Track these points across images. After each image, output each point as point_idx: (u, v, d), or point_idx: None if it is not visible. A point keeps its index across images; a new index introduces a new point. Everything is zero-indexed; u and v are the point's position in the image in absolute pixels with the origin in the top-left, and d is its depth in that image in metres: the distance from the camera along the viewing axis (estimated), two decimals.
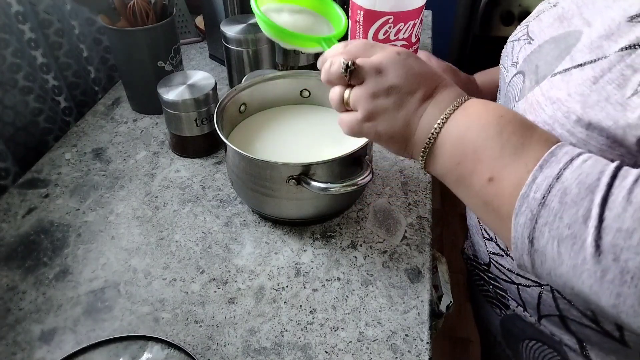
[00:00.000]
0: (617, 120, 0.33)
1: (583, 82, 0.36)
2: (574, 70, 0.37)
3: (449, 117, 0.37)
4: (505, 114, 0.35)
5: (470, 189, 0.35)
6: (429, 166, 0.39)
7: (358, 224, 0.63)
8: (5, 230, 0.62)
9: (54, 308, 0.53)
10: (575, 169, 0.30)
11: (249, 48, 0.76)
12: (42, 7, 0.76)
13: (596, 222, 0.28)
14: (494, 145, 0.34)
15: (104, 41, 0.91)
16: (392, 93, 0.38)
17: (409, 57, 0.39)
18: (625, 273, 0.27)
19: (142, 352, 0.47)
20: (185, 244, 0.60)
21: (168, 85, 0.69)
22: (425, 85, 0.38)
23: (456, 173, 0.36)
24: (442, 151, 0.37)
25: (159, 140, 0.77)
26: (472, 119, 0.36)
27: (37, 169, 0.71)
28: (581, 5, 0.43)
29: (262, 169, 0.56)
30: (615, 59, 0.34)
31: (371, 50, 0.41)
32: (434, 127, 0.37)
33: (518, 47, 0.50)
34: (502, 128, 0.34)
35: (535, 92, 0.40)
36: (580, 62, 0.37)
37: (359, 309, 0.53)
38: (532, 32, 0.48)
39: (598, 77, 0.35)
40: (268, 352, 0.49)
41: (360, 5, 0.62)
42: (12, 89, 0.73)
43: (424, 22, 1.08)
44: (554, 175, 0.30)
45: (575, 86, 0.36)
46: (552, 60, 0.41)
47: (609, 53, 0.35)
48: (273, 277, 0.56)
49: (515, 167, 0.32)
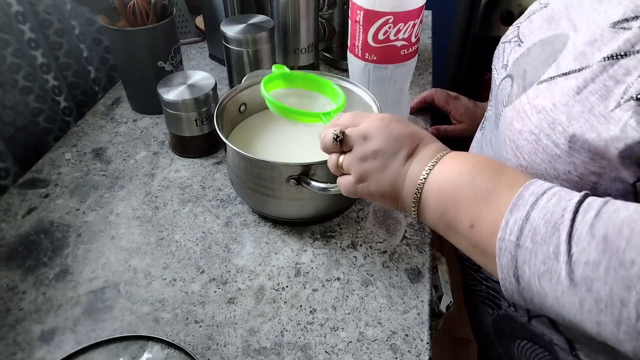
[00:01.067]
0: (600, 132, 0.34)
1: (567, 91, 0.36)
2: (559, 79, 0.38)
3: (429, 172, 0.40)
4: (476, 163, 0.38)
5: (458, 235, 0.38)
6: (422, 219, 0.42)
7: (358, 224, 0.63)
8: (5, 230, 0.62)
9: (54, 308, 0.53)
10: (541, 208, 0.32)
11: (249, 48, 0.76)
12: (42, 7, 0.76)
13: (566, 257, 0.30)
14: (468, 194, 0.37)
15: (104, 41, 0.91)
16: (378, 156, 0.43)
17: (392, 122, 0.44)
18: (599, 302, 0.29)
19: (142, 352, 0.47)
20: (185, 244, 0.60)
21: (168, 85, 0.69)
22: (407, 146, 0.42)
23: (443, 222, 0.39)
24: (428, 204, 0.40)
25: (159, 140, 0.77)
26: (448, 171, 0.39)
27: (37, 169, 0.71)
28: (570, 6, 0.43)
29: (262, 169, 0.56)
30: (598, 69, 0.35)
31: (358, 120, 0.45)
32: (417, 183, 0.40)
33: (509, 49, 0.50)
34: (474, 176, 0.37)
35: (522, 99, 0.41)
36: (565, 71, 0.38)
37: (359, 309, 0.53)
38: (523, 34, 0.49)
39: (582, 88, 0.35)
40: (268, 352, 0.49)
41: (360, 6, 0.62)
42: (12, 89, 0.73)
43: (424, 22, 1.08)
44: (523, 218, 0.32)
45: (560, 96, 0.37)
46: (539, 65, 0.42)
47: (592, 62, 0.35)
48: (273, 277, 0.56)
49: (489, 212, 0.35)
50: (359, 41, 0.65)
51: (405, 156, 0.42)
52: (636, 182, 0.35)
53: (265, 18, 0.79)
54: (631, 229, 0.28)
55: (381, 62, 0.66)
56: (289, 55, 0.87)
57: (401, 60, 0.66)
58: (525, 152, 0.40)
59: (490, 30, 1.46)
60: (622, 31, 0.34)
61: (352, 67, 0.71)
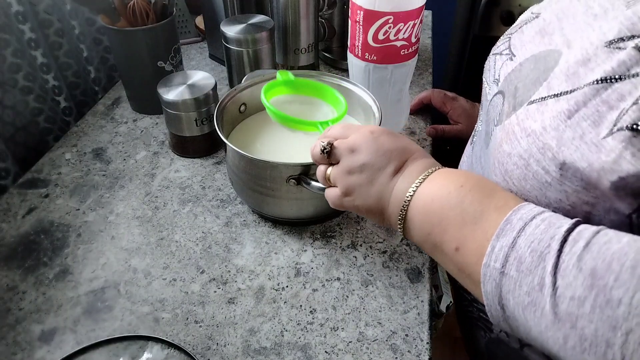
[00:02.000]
0: (591, 162, 0.32)
1: (558, 114, 0.35)
2: (550, 100, 0.36)
3: (416, 190, 0.39)
4: (466, 183, 0.37)
5: (444, 256, 0.37)
6: (408, 236, 0.41)
7: (358, 224, 0.63)
8: (5, 230, 0.62)
9: (54, 308, 0.53)
10: (528, 235, 0.31)
11: (249, 48, 0.76)
12: (42, 7, 0.76)
13: (551, 290, 0.28)
14: (456, 215, 0.35)
15: (104, 41, 0.91)
16: (365, 170, 0.42)
17: (381, 135, 0.43)
18: (584, 340, 0.27)
19: (142, 352, 0.47)
20: (185, 244, 0.60)
21: (168, 85, 0.69)
22: (395, 160, 0.41)
23: (429, 242, 0.38)
24: (414, 223, 0.39)
25: (159, 140, 0.77)
26: (436, 189, 0.38)
27: (37, 169, 0.71)
28: (562, 18, 0.41)
29: (262, 169, 0.56)
30: (590, 92, 0.33)
31: (348, 132, 0.45)
32: (403, 201, 0.39)
33: (500, 62, 0.49)
34: (463, 198, 0.36)
35: (511, 119, 0.40)
36: (556, 92, 0.36)
37: (359, 309, 0.53)
38: (514, 46, 0.47)
39: (573, 112, 0.34)
40: (268, 352, 0.49)
41: (360, 5, 0.62)
42: (12, 89, 0.73)
43: (424, 22, 1.08)
44: (509, 244, 0.31)
45: (550, 119, 0.35)
46: (529, 84, 0.40)
47: (584, 84, 0.34)
48: (273, 277, 0.56)
49: (476, 236, 0.34)
50: (359, 41, 0.65)
51: (393, 171, 0.41)
52: (632, 214, 0.33)
53: (265, 18, 0.79)
54: (621, 264, 0.27)
55: (381, 62, 0.66)
56: (289, 55, 0.88)
57: (401, 60, 0.66)
58: (514, 177, 0.38)
59: (490, 30, 1.46)
60: (617, 51, 0.32)
61: (352, 67, 0.71)
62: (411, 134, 0.78)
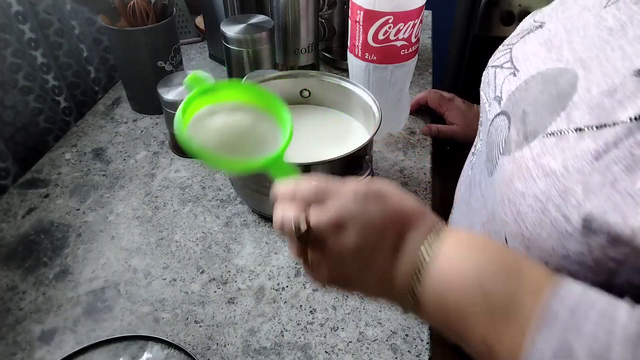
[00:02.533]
0: (627, 216, 0.28)
1: (583, 154, 0.30)
2: (572, 135, 0.32)
3: (422, 275, 0.32)
4: (483, 259, 0.30)
5: (467, 346, 0.31)
6: (424, 319, 0.36)
7: None
8: (5, 230, 0.62)
9: (54, 308, 0.53)
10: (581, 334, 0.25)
11: (249, 48, 0.76)
12: (42, 7, 0.76)
13: None
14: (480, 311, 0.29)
15: (104, 41, 0.91)
16: (358, 254, 0.33)
17: (369, 202, 0.34)
18: None
19: (142, 352, 0.47)
20: (185, 244, 0.60)
21: (168, 85, 0.69)
22: (392, 235, 0.33)
23: (448, 331, 0.32)
24: (426, 311, 0.33)
25: (159, 140, 0.77)
26: (449, 273, 0.31)
27: (37, 169, 0.71)
28: (571, 30, 0.37)
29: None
30: (622, 131, 0.29)
31: (325, 194, 0.34)
32: (411, 291, 0.32)
33: (501, 77, 0.44)
34: (484, 282, 0.29)
35: (524, 152, 0.35)
36: (579, 126, 0.31)
37: (359, 309, 0.53)
38: (516, 59, 0.43)
39: (601, 153, 0.29)
40: (268, 352, 0.49)
41: (360, 5, 0.62)
42: (12, 89, 0.73)
43: (424, 22, 1.08)
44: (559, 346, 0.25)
45: (574, 158, 0.31)
46: (543, 110, 0.35)
47: (615, 120, 0.29)
48: (273, 277, 0.56)
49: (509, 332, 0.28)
50: (359, 41, 0.65)
51: (391, 250, 0.33)
52: None
53: (265, 18, 0.79)
54: None
55: (381, 62, 0.66)
56: (289, 55, 0.87)
57: (401, 60, 0.66)
58: (528, 222, 0.34)
59: (490, 30, 1.46)
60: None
61: (352, 67, 0.71)
62: (411, 133, 0.78)
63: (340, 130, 0.68)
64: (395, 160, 0.73)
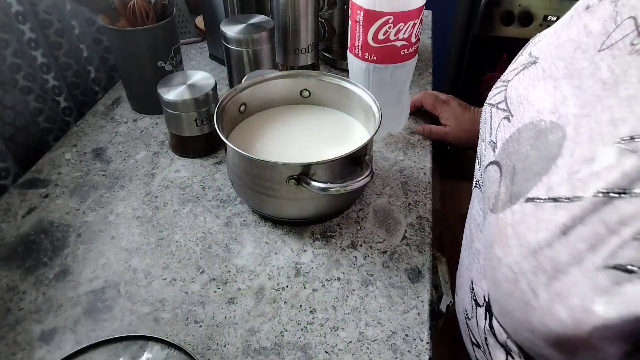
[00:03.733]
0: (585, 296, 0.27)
1: (553, 228, 0.29)
2: (548, 204, 0.30)
3: None
4: None
5: None
6: None
7: (358, 224, 0.63)
8: (5, 230, 0.62)
9: (54, 308, 0.53)
10: None
11: (249, 48, 0.76)
12: (42, 7, 0.76)
13: None
14: None
15: (104, 41, 0.91)
16: None
17: None
18: None
19: (142, 352, 0.47)
20: (185, 244, 0.60)
21: (168, 85, 0.69)
22: None
23: None
24: None
25: (159, 140, 0.77)
26: None
27: (37, 169, 0.71)
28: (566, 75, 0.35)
29: (262, 169, 0.56)
30: (589, 206, 0.27)
31: None
32: None
33: (497, 120, 0.43)
34: None
35: (506, 215, 0.34)
36: (555, 195, 0.30)
37: (359, 309, 0.53)
38: (511, 101, 0.41)
39: (569, 227, 0.28)
40: (268, 352, 0.49)
41: (360, 5, 0.62)
42: (12, 89, 0.73)
43: (424, 22, 1.08)
44: None
45: (546, 231, 0.30)
46: (529, 171, 0.34)
47: (585, 194, 0.28)
48: (273, 277, 0.56)
49: None
50: (359, 41, 0.65)
51: None
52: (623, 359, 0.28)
53: (265, 18, 0.79)
54: None
55: (381, 62, 0.66)
56: (289, 55, 0.87)
57: (401, 60, 0.66)
58: (502, 289, 0.33)
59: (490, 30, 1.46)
60: (627, 155, 0.26)
61: (352, 67, 0.71)
62: (411, 134, 0.78)
63: (340, 130, 0.68)
64: (395, 160, 0.73)
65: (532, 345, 0.33)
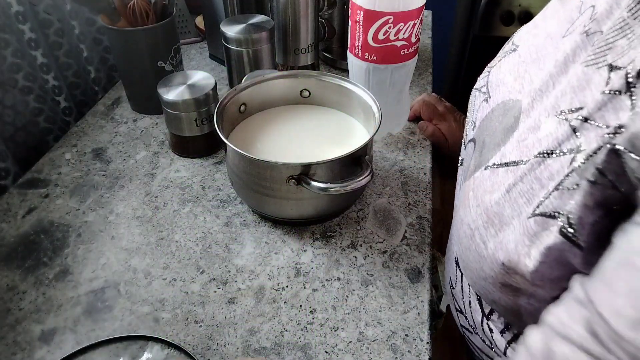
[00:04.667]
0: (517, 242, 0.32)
1: (501, 188, 0.34)
2: (501, 169, 0.35)
3: None
4: None
5: None
6: None
7: (358, 224, 0.63)
8: (5, 230, 0.62)
9: (54, 308, 0.53)
10: None
11: (249, 48, 0.76)
12: (42, 7, 0.76)
13: None
14: None
15: (104, 41, 0.91)
16: None
17: None
18: None
19: (142, 352, 0.47)
20: (185, 244, 0.60)
21: (168, 85, 0.69)
22: None
23: None
24: None
25: (159, 140, 0.77)
26: None
27: (37, 169, 0.71)
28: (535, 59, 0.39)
29: (262, 169, 0.56)
30: (527, 166, 0.32)
31: None
32: None
33: (478, 103, 0.47)
34: None
35: (470, 181, 0.39)
36: (506, 161, 0.35)
37: (359, 309, 0.53)
38: (491, 84, 0.46)
39: (511, 186, 0.33)
40: (268, 352, 0.49)
41: (360, 5, 0.62)
42: (12, 89, 0.73)
43: (424, 22, 1.08)
44: None
45: (497, 192, 0.35)
46: (492, 143, 0.39)
47: (528, 157, 0.33)
48: (273, 277, 0.56)
49: None
50: (359, 41, 0.65)
51: None
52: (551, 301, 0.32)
53: (265, 18, 0.79)
54: None
55: (381, 62, 0.66)
56: (289, 55, 0.87)
57: (401, 60, 0.66)
58: (463, 245, 0.38)
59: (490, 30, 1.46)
60: (563, 123, 0.31)
61: (352, 67, 0.71)
62: (411, 134, 0.78)
63: (340, 130, 0.68)
64: (395, 160, 0.73)
65: (485, 292, 0.37)
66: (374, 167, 0.70)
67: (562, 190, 0.29)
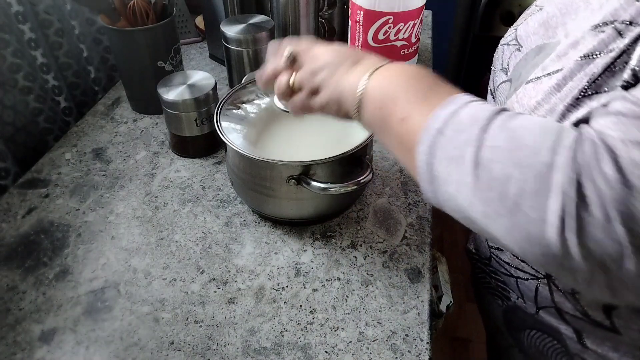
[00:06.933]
0: None
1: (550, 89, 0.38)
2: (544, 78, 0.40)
3: (372, 74, 0.42)
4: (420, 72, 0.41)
5: (388, 130, 0.41)
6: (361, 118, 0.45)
7: (358, 224, 0.63)
8: (5, 230, 0.62)
9: (54, 308, 0.53)
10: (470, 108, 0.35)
11: (249, 48, 0.76)
12: (42, 7, 0.76)
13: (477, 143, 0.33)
14: (407, 93, 0.40)
15: (104, 41, 0.91)
16: (326, 67, 0.46)
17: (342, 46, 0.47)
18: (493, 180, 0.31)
19: None
20: (185, 244, 0.60)
21: (168, 85, 0.69)
22: (353, 57, 0.46)
23: (378, 117, 0.41)
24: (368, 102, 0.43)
25: (159, 140, 0.77)
26: (392, 74, 0.42)
27: (37, 169, 0.71)
28: (565, 13, 0.44)
29: (262, 169, 0.56)
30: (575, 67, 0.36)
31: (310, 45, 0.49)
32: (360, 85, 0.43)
33: (508, 53, 0.52)
34: (417, 81, 0.40)
35: (512, 99, 0.43)
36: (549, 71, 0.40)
37: (359, 309, 0.53)
38: (520, 37, 0.50)
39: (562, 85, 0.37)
40: (268, 352, 0.49)
41: (360, 6, 0.62)
42: (12, 89, 0.73)
43: (424, 22, 1.08)
44: (453, 111, 0.35)
45: (543, 94, 0.39)
46: (530, 68, 0.44)
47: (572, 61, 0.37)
48: (273, 277, 0.56)
49: (423, 108, 0.38)
50: (359, 41, 0.65)
51: (351, 64, 0.45)
52: None
53: (265, 18, 0.79)
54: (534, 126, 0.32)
55: None
56: None
57: (401, 60, 0.66)
58: None
59: (490, 30, 1.46)
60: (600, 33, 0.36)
61: None
62: None
63: (340, 130, 0.68)
64: (395, 160, 0.73)
65: None
66: (374, 167, 0.70)
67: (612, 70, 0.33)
